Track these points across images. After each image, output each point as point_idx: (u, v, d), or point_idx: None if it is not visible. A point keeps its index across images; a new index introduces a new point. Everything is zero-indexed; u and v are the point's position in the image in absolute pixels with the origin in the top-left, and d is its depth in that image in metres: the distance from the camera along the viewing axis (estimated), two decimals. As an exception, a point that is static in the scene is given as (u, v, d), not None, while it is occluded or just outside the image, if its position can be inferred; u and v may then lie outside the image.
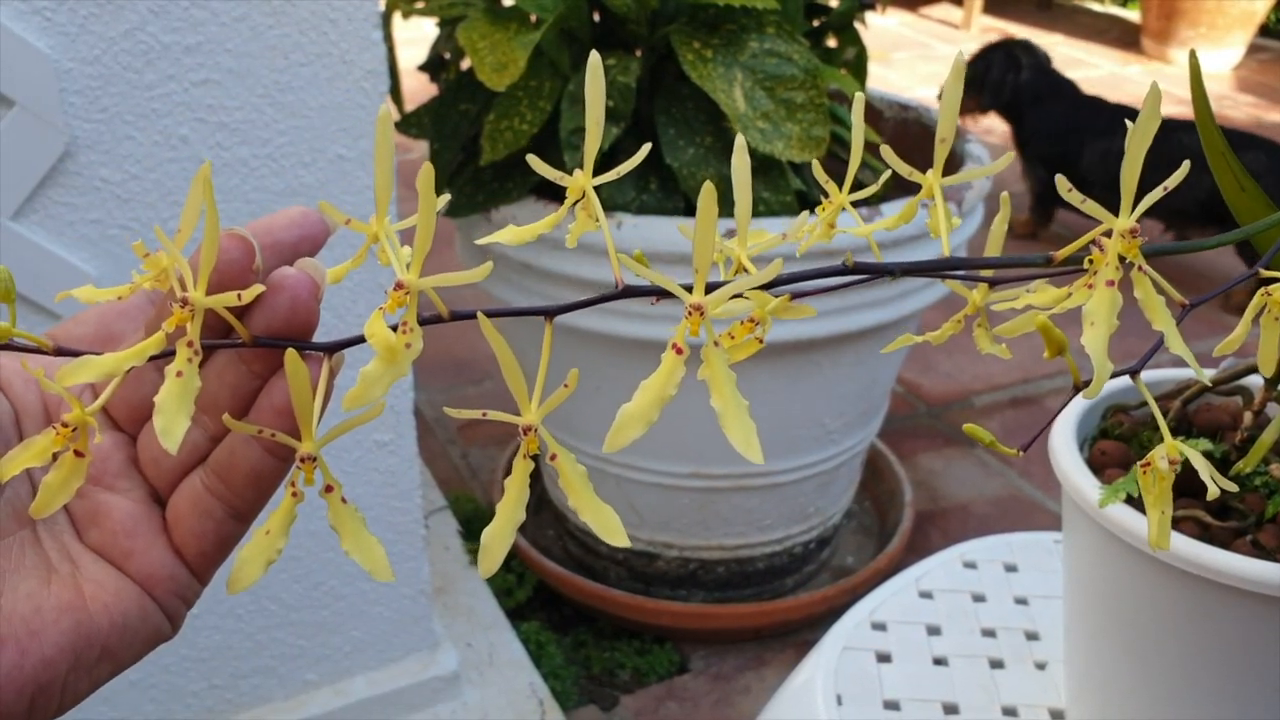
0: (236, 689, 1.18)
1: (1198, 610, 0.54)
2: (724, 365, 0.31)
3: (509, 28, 1.17)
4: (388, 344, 0.31)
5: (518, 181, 1.21)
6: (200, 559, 0.35)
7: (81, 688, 0.33)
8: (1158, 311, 0.33)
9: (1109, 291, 0.32)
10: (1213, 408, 0.63)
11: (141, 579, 0.34)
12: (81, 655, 0.32)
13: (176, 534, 0.35)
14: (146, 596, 0.34)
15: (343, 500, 0.33)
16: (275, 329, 0.32)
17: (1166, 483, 0.34)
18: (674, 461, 1.35)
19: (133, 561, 0.34)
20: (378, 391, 0.31)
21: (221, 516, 0.35)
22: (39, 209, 0.89)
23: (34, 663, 0.31)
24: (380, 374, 0.31)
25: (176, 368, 0.31)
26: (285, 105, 0.94)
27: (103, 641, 0.33)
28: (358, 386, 0.31)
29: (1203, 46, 4.06)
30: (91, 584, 0.33)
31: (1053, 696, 0.71)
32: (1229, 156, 0.50)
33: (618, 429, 0.31)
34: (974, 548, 0.84)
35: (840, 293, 1.19)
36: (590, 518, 0.32)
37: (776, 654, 1.47)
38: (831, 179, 0.40)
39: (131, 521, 0.34)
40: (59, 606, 0.32)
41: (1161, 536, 0.34)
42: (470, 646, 1.36)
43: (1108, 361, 0.32)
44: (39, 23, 0.83)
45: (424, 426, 1.88)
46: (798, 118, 1.15)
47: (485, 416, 0.32)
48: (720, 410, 0.31)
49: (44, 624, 0.31)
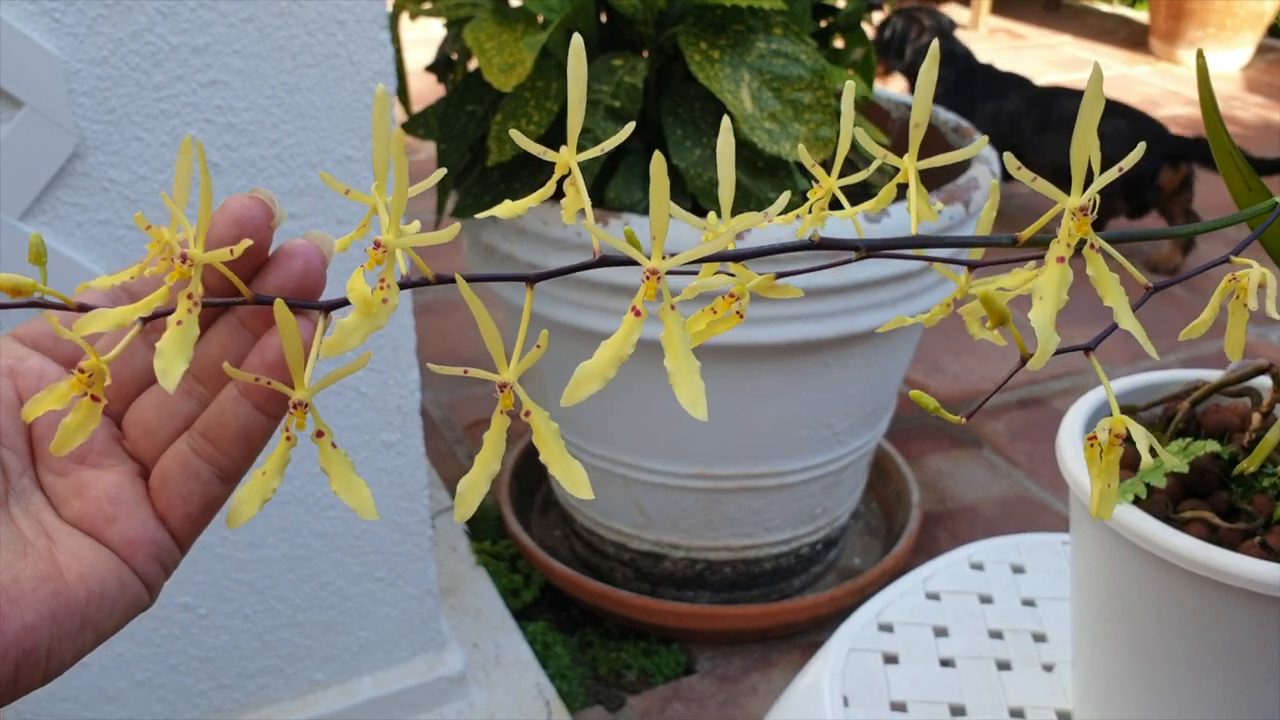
0: (244, 689, 1.18)
1: (1206, 612, 0.54)
2: (679, 327, 0.33)
3: (516, 28, 1.17)
4: (365, 299, 0.33)
5: (525, 182, 1.21)
6: (184, 522, 0.37)
7: (66, 656, 0.34)
8: (1109, 287, 0.34)
9: (1058, 268, 0.33)
10: (1221, 409, 0.63)
11: (123, 544, 0.35)
12: (61, 623, 0.33)
13: (161, 499, 0.36)
14: (124, 565, 0.35)
15: (333, 445, 0.35)
16: (287, 293, 0.35)
17: (1111, 455, 0.35)
18: (681, 462, 1.35)
19: (115, 526, 0.35)
20: (354, 341, 0.33)
21: (208, 478, 0.36)
22: (48, 210, 0.89)
23: (15, 629, 0.32)
24: (356, 325, 0.33)
25: (177, 317, 0.33)
26: (293, 106, 0.94)
27: (81, 610, 0.34)
28: (334, 336, 0.33)
29: (1211, 47, 4.05)
30: (67, 555, 0.34)
31: (1060, 698, 0.70)
32: (1236, 156, 0.50)
33: (575, 384, 0.33)
34: (981, 549, 0.84)
35: (847, 294, 1.19)
36: (558, 471, 0.34)
37: (783, 655, 1.47)
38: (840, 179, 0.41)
39: (115, 489, 0.36)
40: (36, 577, 0.33)
41: (1102, 507, 0.35)
42: (477, 647, 1.36)
43: (1054, 335, 0.33)
44: (47, 24, 0.83)
45: (431, 427, 1.88)
46: (805, 118, 1.15)
47: (466, 373, 0.34)
48: (672, 370, 0.33)
49: (22, 593, 0.33)
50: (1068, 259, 0.34)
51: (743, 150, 1.17)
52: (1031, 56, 4.23)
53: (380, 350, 1.07)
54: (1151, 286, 0.37)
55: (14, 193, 0.87)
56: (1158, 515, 0.55)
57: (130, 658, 1.11)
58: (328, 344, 0.34)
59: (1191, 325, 0.39)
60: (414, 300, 1.08)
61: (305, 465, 1.09)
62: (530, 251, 1.20)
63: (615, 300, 1.17)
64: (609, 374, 0.33)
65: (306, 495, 1.11)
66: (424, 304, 2.16)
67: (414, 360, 1.09)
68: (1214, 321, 0.39)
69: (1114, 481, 0.35)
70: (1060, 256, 0.34)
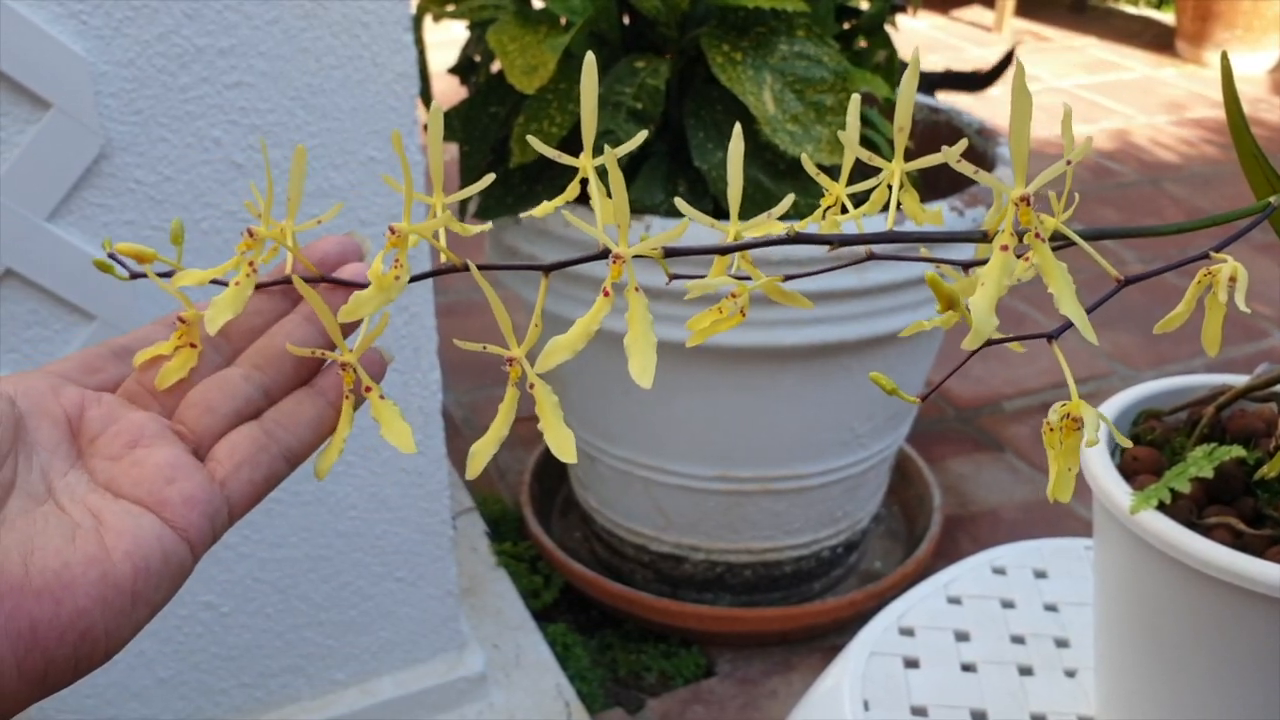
0: (265, 687, 1.19)
1: (1230, 618, 0.53)
2: (642, 307, 0.37)
3: (539, 30, 1.17)
4: (378, 276, 0.38)
5: (547, 184, 1.22)
6: (245, 488, 0.39)
7: (124, 633, 0.36)
8: (1054, 275, 0.35)
9: (1002, 255, 0.35)
10: (1247, 414, 0.62)
11: (181, 500, 0.37)
12: (111, 603, 0.35)
13: (225, 466, 0.39)
14: (168, 532, 0.37)
15: (381, 398, 0.40)
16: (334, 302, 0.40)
17: (1070, 440, 0.36)
18: (702, 464, 1.35)
19: (175, 486, 0.37)
20: (368, 310, 0.38)
21: (276, 454, 0.40)
22: (74, 210, 0.90)
23: (69, 613, 0.34)
24: (370, 297, 0.38)
25: (237, 279, 0.40)
26: (317, 108, 0.94)
27: (130, 588, 0.35)
28: (349, 304, 0.38)
29: (1238, 49, 4.02)
30: (113, 535, 0.36)
31: (1083, 704, 0.70)
32: (1262, 160, 0.50)
33: (546, 354, 0.37)
34: (1003, 553, 0.83)
35: (869, 296, 1.18)
36: (551, 438, 0.38)
37: (803, 658, 1.46)
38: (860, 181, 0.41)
39: (173, 457, 0.38)
40: (85, 560, 0.35)
41: (1058, 489, 0.36)
42: (497, 648, 1.37)
43: (990, 319, 0.34)
44: (75, 26, 0.84)
45: (452, 427, 1.89)
46: (827, 120, 1.15)
47: (485, 349, 0.38)
48: (629, 342, 0.37)
49: (73, 577, 0.34)
50: (1011, 247, 0.35)
51: (764, 153, 1.17)
52: (1057, 59, 4.21)
53: (402, 351, 1.07)
54: (1122, 280, 0.37)
55: (42, 193, 0.88)
56: (1182, 521, 0.55)
57: (153, 655, 1.11)
58: (343, 310, 0.38)
59: (1166, 319, 0.40)
60: (437, 302, 1.08)
61: (327, 465, 1.10)
62: (552, 252, 1.20)
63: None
64: (578, 346, 0.37)
65: (328, 495, 1.11)
66: (448, 305, 2.17)
67: (435, 362, 1.10)
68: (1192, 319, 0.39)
69: (1074, 465, 0.36)
70: (1004, 245, 0.35)
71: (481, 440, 0.38)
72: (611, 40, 1.24)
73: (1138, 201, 2.86)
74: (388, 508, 1.15)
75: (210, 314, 0.38)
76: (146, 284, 0.41)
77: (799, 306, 0.41)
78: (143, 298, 0.94)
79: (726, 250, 0.40)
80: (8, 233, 0.87)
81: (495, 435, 0.38)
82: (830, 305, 1.18)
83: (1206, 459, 0.56)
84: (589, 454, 1.44)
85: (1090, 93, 3.79)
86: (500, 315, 0.38)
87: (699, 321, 0.41)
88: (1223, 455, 0.56)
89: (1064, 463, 0.36)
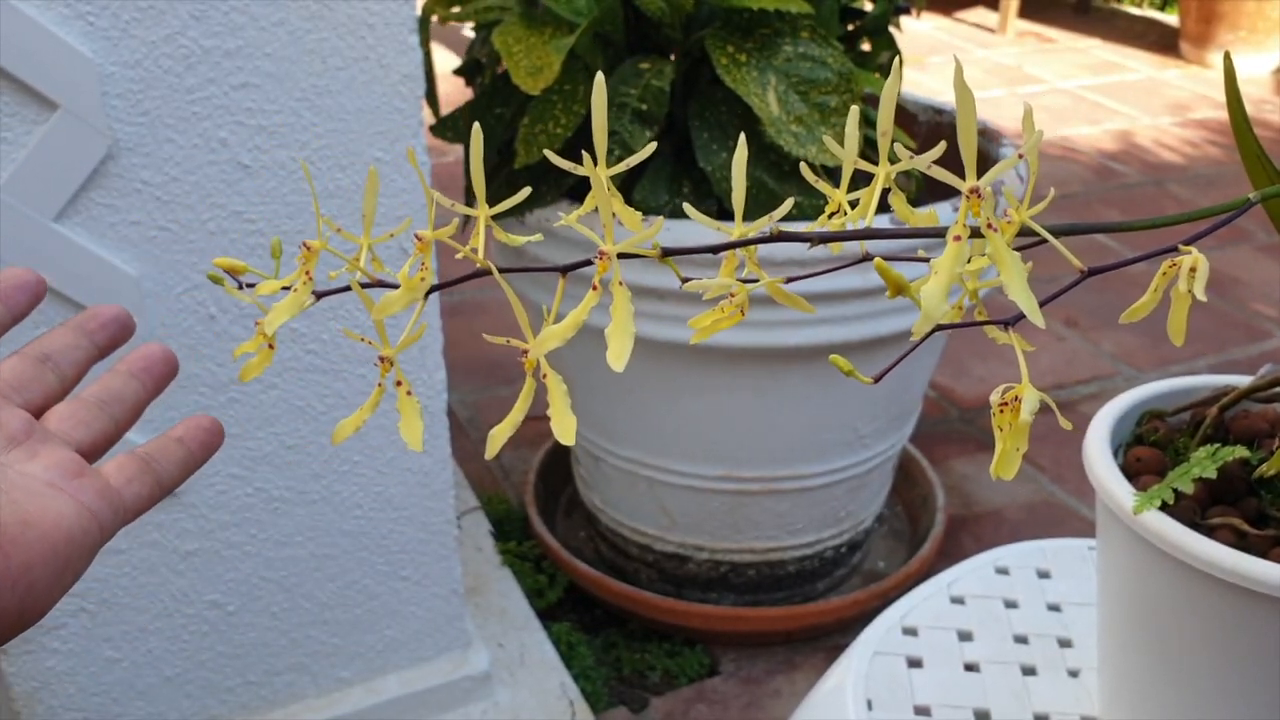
0: (271, 685, 1.19)
1: (1233, 619, 0.53)
2: (625, 300, 0.39)
3: (544, 32, 1.18)
4: (405, 278, 0.42)
5: (552, 185, 1.22)
6: (134, 501, 0.42)
7: (55, 594, 0.38)
8: (1005, 264, 0.35)
9: (955, 245, 0.35)
10: (1250, 415, 0.62)
11: (95, 490, 0.40)
12: (49, 563, 0.38)
13: (117, 476, 0.42)
14: (83, 514, 0.39)
15: (408, 394, 0.43)
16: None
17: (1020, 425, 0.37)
18: (706, 464, 1.35)
19: (82, 480, 0.40)
20: (395, 308, 0.41)
21: (153, 484, 0.43)
22: (81, 210, 0.90)
23: (18, 565, 0.36)
24: (397, 297, 0.41)
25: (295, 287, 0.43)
26: (323, 109, 0.94)
27: (64, 553, 0.38)
28: (380, 303, 0.41)
29: (1242, 50, 4.01)
30: (38, 506, 0.38)
31: (1086, 705, 0.70)
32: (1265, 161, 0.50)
33: (540, 342, 0.40)
34: (1006, 553, 0.83)
35: (872, 297, 1.19)
36: (556, 421, 0.41)
37: (807, 658, 1.47)
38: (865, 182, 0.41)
39: (70, 456, 0.41)
40: (22, 521, 0.37)
41: (1000, 467, 0.37)
42: (502, 647, 1.37)
43: (940, 305, 0.35)
44: (82, 27, 0.84)
45: (457, 427, 1.89)
46: (831, 121, 1.15)
47: (509, 343, 0.41)
48: (610, 331, 0.39)
49: (20, 533, 0.37)
50: (964, 238, 0.36)
51: (769, 154, 1.17)
52: (1061, 60, 4.21)
53: (408, 351, 1.08)
54: (1085, 270, 0.38)
55: (49, 193, 0.88)
56: (1185, 522, 0.55)
57: (160, 653, 1.12)
58: (376, 307, 0.41)
59: (1130, 309, 0.40)
60: (443, 301, 1.09)
61: (333, 464, 1.10)
62: (558, 253, 1.20)
63: (639, 302, 1.17)
64: (568, 335, 0.40)
65: (334, 494, 1.12)
66: (454, 305, 2.17)
67: (441, 361, 1.10)
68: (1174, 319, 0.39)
69: (1021, 445, 0.37)
70: (957, 235, 0.36)
71: (500, 425, 0.41)
72: (616, 41, 1.24)
73: (1142, 202, 2.86)
74: (393, 507, 1.15)
75: (270, 318, 0.43)
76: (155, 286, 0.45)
77: (800, 309, 0.42)
78: (150, 297, 0.94)
79: (718, 249, 0.42)
80: (15, 233, 0.88)
81: (511, 421, 0.41)
82: (834, 306, 1.18)
83: (1210, 459, 0.56)
84: (594, 454, 1.45)
85: (1094, 94, 3.79)
86: (519, 312, 0.41)
87: (701, 320, 0.43)
88: (1226, 456, 0.56)
89: (1011, 442, 0.37)
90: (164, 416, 1.00)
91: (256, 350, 0.45)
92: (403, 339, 0.43)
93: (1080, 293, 1.83)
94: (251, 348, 0.45)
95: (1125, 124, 3.48)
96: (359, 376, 1.06)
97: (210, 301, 0.97)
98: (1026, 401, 0.36)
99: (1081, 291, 1.85)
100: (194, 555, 1.08)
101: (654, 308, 1.17)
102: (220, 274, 0.45)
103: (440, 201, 0.43)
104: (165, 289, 0.95)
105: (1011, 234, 0.36)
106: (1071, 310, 2.28)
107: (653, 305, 1.17)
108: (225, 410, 1.03)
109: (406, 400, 0.44)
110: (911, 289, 0.36)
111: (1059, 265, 0.38)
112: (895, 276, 0.36)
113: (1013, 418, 0.37)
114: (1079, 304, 2.29)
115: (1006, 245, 0.35)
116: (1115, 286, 2.23)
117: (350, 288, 0.43)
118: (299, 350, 1.03)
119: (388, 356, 0.44)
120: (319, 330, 1.03)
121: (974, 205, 0.36)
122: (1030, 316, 0.35)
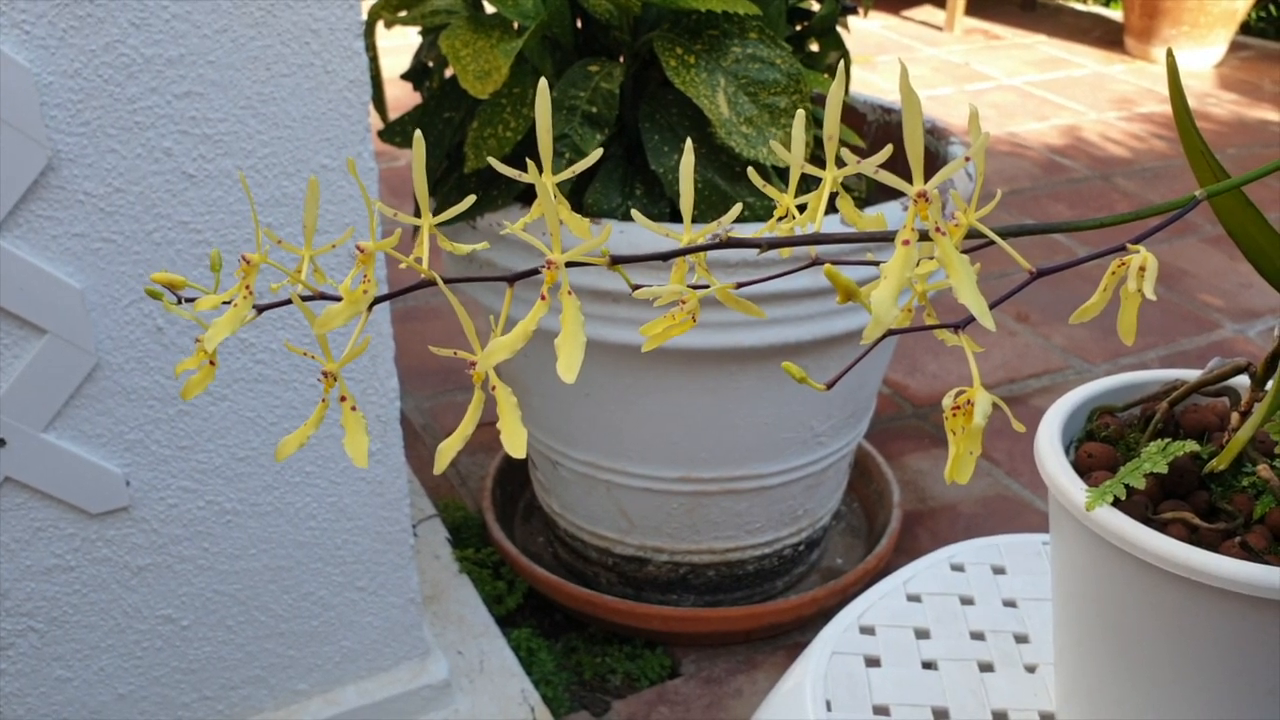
0: (227, 700, 1.18)
1: (1186, 613, 0.54)
2: (575, 308, 0.39)
3: (492, 35, 1.17)
4: (348, 291, 0.42)
5: (502, 189, 1.21)
6: None
7: None
8: (953, 266, 0.36)
9: (904, 250, 0.36)
10: (1200, 408, 0.63)
11: None
12: None
13: None
14: None
15: (353, 409, 0.43)
16: None
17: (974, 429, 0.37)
18: (664, 466, 1.35)
19: None
20: (336, 322, 0.41)
21: None
22: (22, 223, 0.88)
23: None
24: (339, 311, 0.41)
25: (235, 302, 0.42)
26: (268, 116, 0.93)
27: None
28: (322, 317, 0.41)
29: (1185, 45, 4.08)
30: None
31: (1043, 700, 0.71)
32: (1208, 155, 0.51)
33: (488, 354, 0.40)
34: (962, 550, 0.84)
35: (824, 297, 1.19)
36: (507, 435, 0.40)
37: (767, 656, 1.47)
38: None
39: None
40: None
41: (955, 471, 0.38)
42: (461, 654, 1.36)
43: (890, 310, 0.35)
44: (18, 36, 0.83)
45: (412, 434, 1.88)
46: (781, 123, 1.15)
47: (456, 354, 0.41)
48: (560, 342, 0.39)
49: None
50: (913, 242, 0.36)
51: (720, 155, 1.17)
52: (1008, 56, 4.25)
53: (359, 359, 1.07)
54: (1035, 272, 0.38)
55: (-13, 206, 0.86)
56: (1137, 516, 0.55)
57: (113, 671, 1.10)
58: (317, 321, 0.41)
59: (1080, 309, 0.41)
60: (395, 307, 1.08)
61: (285, 475, 1.09)
62: (509, 258, 1.20)
63: (593, 305, 1.17)
64: (517, 346, 0.39)
65: (287, 506, 1.10)
66: (406, 310, 2.16)
67: (393, 369, 1.09)
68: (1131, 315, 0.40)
69: (975, 449, 0.38)
70: (905, 240, 0.36)
71: (448, 439, 0.41)
72: (565, 44, 1.24)
73: (1089, 196, 2.89)
74: (347, 517, 1.14)
75: (210, 334, 0.42)
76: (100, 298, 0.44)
77: (750, 314, 0.42)
78: (95, 310, 0.93)
79: (668, 256, 0.42)
80: (-46, 247, 0.86)
81: (460, 434, 0.41)
82: (787, 306, 1.18)
83: (1160, 454, 0.57)
84: (550, 459, 1.44)
85: (1041, 90, 3.83)
86: (466, 323, 0.40)
87: (652, 328, 0.43)
88: (1176, 450, 0.57)
89: (965, 446, 0.38)
90: (114, 430, 0.98)
91: (198, 367, 0.45)
92: (346, 353, 0.43)
93: (1031, 288, 1.85)
94: (193, 364, 0.45)
95: (1072, 119, 3.52)
96: (310, 386, 1.05)
97: (157, 313, 0.96)
98: (979, 405, 0.36)
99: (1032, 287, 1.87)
100: (145, 570, 1.07)
101: (608, 310, 1.16)
102: (159, 289, 0.44)
103: (383, 211, 0.42)
104: (111, 301, 0.93)
105: (959, 237, 0.36)
106: (1022, 305, 2.30)
107: (606, 308, 1.16)
108: (175, 423, 1.01)
109: (351, 416, 0.43)
110: (862, 294, 0.36)
111: (1009, 262, 0.38)
112: (845, 283, 0.36)
113: (966, 421, 0.37)
114: (1030, 299, 2.31)
115: (955, 249, 0.35)
116: (1067, 282, 2.25)
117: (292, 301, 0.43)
118: (248, 361, 1.02)
119: (331, 371, 0.43)
120: (268, 340, 1.02)
121: (922, 209, 0.36)
122: (980, 319, 0.35)
